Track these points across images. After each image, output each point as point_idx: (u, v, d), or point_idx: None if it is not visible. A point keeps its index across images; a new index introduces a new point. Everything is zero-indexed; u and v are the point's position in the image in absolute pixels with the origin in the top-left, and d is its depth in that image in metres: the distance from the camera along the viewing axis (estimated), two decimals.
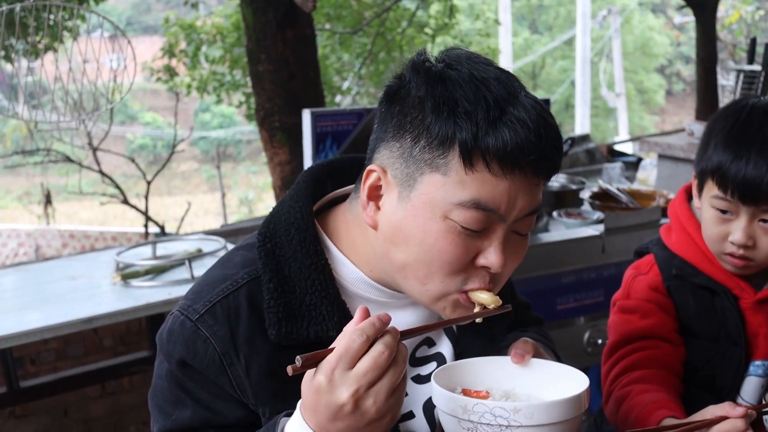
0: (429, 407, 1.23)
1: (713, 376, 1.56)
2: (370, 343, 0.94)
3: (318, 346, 1.11)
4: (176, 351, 1.11)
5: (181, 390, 1.12)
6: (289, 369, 0.92)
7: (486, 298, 1.10)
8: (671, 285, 1.60)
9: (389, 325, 0.96)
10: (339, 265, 1.17)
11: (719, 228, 1.49)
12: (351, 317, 1.12)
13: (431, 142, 1.05)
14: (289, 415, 1.00)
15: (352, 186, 1.22)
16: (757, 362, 1.56)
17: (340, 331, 1.09)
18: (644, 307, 1.58)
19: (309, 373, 0.95)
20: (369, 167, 1.12)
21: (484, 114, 1.02)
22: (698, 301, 1.58)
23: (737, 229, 1.47)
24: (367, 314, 0.97)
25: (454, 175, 1.04)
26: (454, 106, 1.04)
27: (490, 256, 1.08)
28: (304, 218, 1.15)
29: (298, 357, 0.92)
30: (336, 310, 1.12)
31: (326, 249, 1.17)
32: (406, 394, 1.18)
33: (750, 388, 1.56)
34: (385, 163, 1.10)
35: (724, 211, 1.48)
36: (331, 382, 0.92)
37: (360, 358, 0.93)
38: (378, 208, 1.11)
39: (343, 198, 1.23)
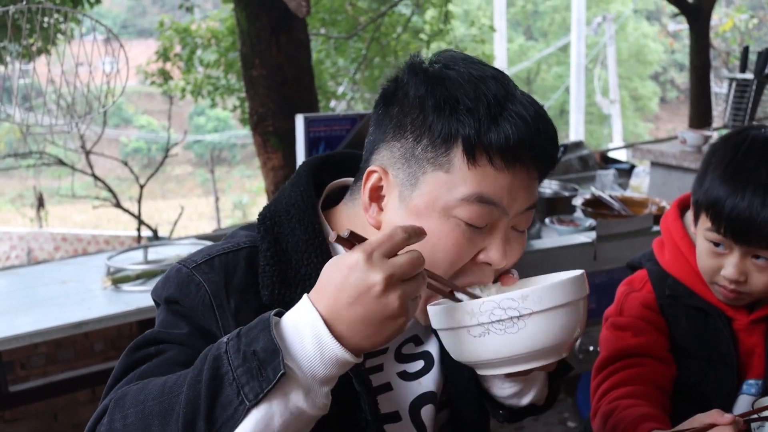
0: (415, 408, 1.21)
1: (706, 395, 1.55)
2: (408, 245, 0.93)
3: None
4: (168, 291, 1.11)
5: (175, 316, 1.11)
6: (333, 234, 0.92)
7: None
8: (664, 304, 1.59)
9: None
10: (337, 252, 1.17)
11: (712, 261, 1.48)
12: None
13: (434, 140, 1.06)
14: (279, 314, 0.95)
15: (350, 179, 1.23)
16: (751, 381, 1.56)
17: None
18: (637, 325, 1.57)
19: (336, 257, 0.94)
20: (369, 168, 1.12)
21: (485, 110, 1.04)
22: (691, 321, 1.57)
23: (729, 265, 1.45)
24: None
25: (457, 171, 1.05)
26: (455, 104, 1.05)
27: (492, 253, 1.09)
28: (304, 200, 1.16)
29: (346, 228, 0.92)
30: None
31: (325, 233, 1.17)
32: (393, 390, 1.19)
33: (743, 406, 1.55)
34: (386, 163, 1.11)
35: (717, 244, 1.46)
36: (369, 260, 0.90)
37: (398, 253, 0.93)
38: (381, 209, 1.12)
39: (340, 190, 1.24)
